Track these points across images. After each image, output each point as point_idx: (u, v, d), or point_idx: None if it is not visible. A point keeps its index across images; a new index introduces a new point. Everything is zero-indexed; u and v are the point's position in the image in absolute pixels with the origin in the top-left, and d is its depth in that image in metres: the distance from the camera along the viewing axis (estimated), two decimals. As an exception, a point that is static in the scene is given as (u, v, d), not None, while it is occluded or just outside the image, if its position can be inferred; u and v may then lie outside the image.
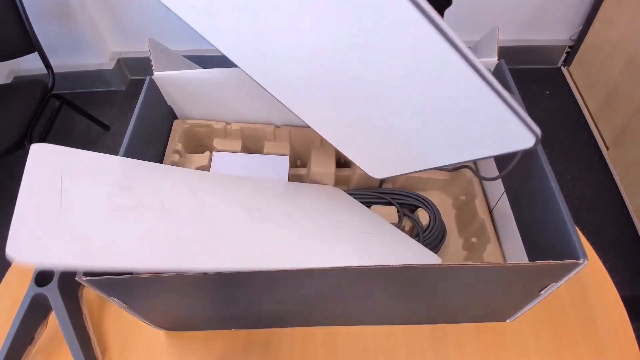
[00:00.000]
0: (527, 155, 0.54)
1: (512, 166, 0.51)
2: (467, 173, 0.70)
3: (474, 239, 0.66)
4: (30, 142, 1.35)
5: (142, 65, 1.99)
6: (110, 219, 0.39)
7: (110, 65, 1.92)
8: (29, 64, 1.85)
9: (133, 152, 0.58)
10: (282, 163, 0.71)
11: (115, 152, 0.54)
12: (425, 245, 0.65)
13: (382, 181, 0.73)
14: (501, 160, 0.63)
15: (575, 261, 0.43)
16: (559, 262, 0.43)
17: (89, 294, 0.66)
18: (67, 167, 0.42)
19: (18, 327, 0.58)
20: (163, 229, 0.41)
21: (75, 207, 0.38)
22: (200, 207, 0.47)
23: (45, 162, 0.41)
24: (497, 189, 0.64)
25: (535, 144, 0.40)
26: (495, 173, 0.64)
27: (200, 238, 0.43)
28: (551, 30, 1.79)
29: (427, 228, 0.67)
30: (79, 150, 0.46)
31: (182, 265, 0.39)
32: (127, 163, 0.51)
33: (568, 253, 0.45)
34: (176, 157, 0.68)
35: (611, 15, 1.55)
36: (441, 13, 0.60)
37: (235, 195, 0.56)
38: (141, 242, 0.39)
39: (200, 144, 0.75)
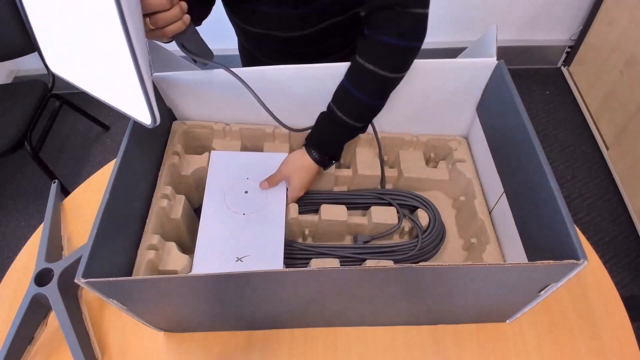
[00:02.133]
0: (527, 155, 0.54)
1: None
2: (467, 173, 0.70)
3: (473, 240, 0.66)
4: (30, 142, 1.35)
5: (142, 66, 1.98)
6: None
7: (110, 65, 1.92)
8: (29, 64, 1.85)
9: (132, 153, 0.58)
10: (280, 160, 0.71)
11: (114, 152, 0.54)
12: (425, 246, 0.65)
13: (382, 182, 0.73)
14: (505, 170, 0.63)
15: (575, 261, 0.43)
16: (558, 262, 0.43)
17: (89, 294, 0.66)
18: None
19: (18, 327, 0.58)
20: None
21: None
22: None
23: None
24: (496, 190, 0.64)
25: (150, 126, 0.49)
26: (498, 182, 0.64)
27: None
28: (551, 30, 1.79)
29: (426, 229, 0.67)
30: None
31: None
32: None
33: (568, 253, 0.45)
34: (175, 158, 0.68)
35: (611, 15, 1.54)
36: None
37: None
38: None
39: (199, 144, 0.75)
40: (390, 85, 0.61)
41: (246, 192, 0.67)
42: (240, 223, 0.64)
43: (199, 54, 0.56)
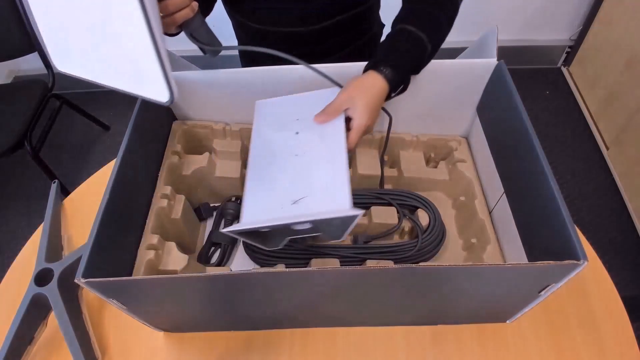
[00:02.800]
0: (527, 155, 0.54)
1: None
2: (467, 173, 0.70)
3: (473, 240, 0.66)
4: (30, 142, 1.35)
5: (142, 65, 1.98)
6: None
7: (110, 65, 1.92)
8: (29, 64, 1.85)
9: (132, 153, 0.58)
10: (332, 96, 0.61)
11: (114, 152, 0.54)
12: (425, 246, 0.65)
13: (381, 182, 0.73)
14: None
15: (575, 262, 0.43)
16: (558, 262, 0.43)
17: (89, 294, 0.66)
18: None
19: (18, 327, 0.58)
20: None
21: None
22: None
23: None
24: (496, 190, 0.64)
25: (168, 103, 0.46)
26: (499, 185, 0.64)
27: None
28: (551, 30, 1.79)
29: (426, 229, 0.67)
30: None
31: None
32: None
33: (568, 253, 0.45)
34: (175, 158, 0.68)
35: (611, 15, 1.54)
36: None
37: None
38: None
39: (199, 144, 0.75)
40: (448, 31, 0.65)
41: (297, 133, 0.60)
42: (293, 164, 0.57)
43: (209, 43, 0.56)
